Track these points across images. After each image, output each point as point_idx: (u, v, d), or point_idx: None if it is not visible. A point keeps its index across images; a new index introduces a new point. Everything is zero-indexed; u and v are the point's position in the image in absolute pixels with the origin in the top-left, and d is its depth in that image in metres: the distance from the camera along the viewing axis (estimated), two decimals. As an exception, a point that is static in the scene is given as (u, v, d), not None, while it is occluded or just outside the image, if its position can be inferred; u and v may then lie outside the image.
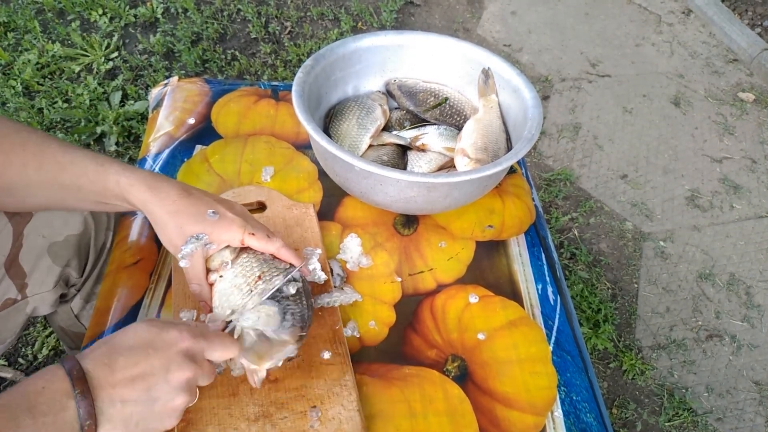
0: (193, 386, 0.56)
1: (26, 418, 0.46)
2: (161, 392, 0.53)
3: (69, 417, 0.48)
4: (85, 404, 0.49)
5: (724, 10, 2.86)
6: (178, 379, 0.54)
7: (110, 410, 0.50)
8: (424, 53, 0.99)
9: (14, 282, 0.77)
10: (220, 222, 0.68)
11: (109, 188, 0.67)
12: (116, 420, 0.51)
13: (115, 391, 0.51)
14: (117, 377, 0.51)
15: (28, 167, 0.66)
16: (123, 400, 0.51)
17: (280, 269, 0.68)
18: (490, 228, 0.91)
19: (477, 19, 2.76)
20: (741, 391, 1.61)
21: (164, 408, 0.53)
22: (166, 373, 0.53)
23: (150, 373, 0.53)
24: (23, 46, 2.26)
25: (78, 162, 0.67)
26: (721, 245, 1.96)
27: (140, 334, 0.55)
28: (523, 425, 0.70)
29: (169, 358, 0.54)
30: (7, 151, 0.65)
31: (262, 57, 2.35)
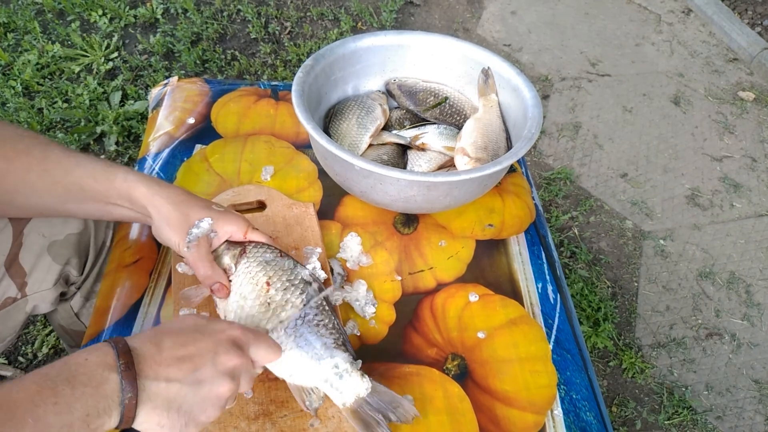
0: (238, 377, 0.54)
1: (65, 387, 0.45)
2: (207, 375, 0.51)
3: (110, 389, 0.46)
4: (129, 376, 0.47)
5: (724, 10, 2.86)
6: (225, 364, 0.52)
7: (154, 387, 0.49)
8: (424, 53, 0.99)
9: (14, 281, 0.77)
10: (225, 213, 0.70)
11: (116, 186, 0.68)
12: (159, 399, 0.49)
13: (160, 369, 0.49)
14: (164, 355, 0.50)
15: (32, 173, 0.66)
16: (168, 379, 0.49)
17: (285, 270, 0.68)
18: (490, 227, 0.91)
19: (477, 18, 2.76)
20: (741, 389, 1.61)
21: (209, 393, 0.52)
22: (214, 356, 0.52)
23: (197, 354, 0.51)
24: (23, 47, 2.26)
25: (84, 164, 0.68)
26: (721, 244, 1.96)
27: (188, 322, 0.55)
28: (523, 424, 0.70)
29: (217, 342, 0.53)
30: (10, 158, 0.66)
31: (261, 57, 2.35)
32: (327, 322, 0.64)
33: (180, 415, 0.50)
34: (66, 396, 0.44)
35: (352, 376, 0.62)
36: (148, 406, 0.48)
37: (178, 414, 0.50)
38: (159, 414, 0.49)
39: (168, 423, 0.50)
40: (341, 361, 0.62)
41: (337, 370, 0.62)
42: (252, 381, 0.58)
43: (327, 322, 0.64)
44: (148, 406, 0.48)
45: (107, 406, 0.46)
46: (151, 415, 0.49)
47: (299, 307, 0.65)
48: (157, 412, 0.49)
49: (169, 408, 0.49)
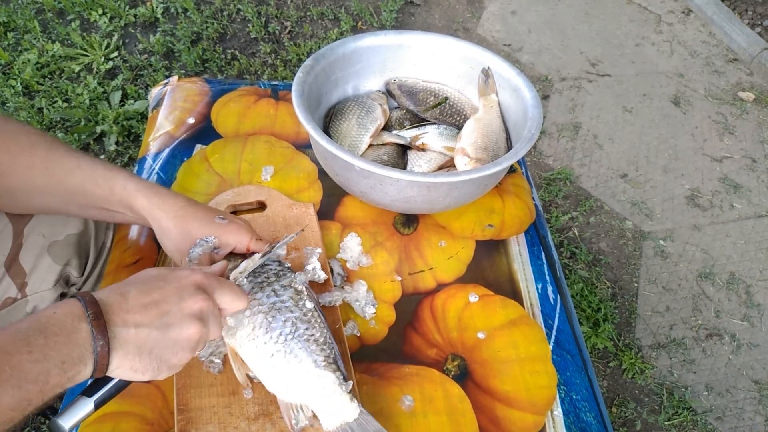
0: (206, 320, 0.55)
1: (38, 337, 0.46)
2: (174, 318, 0.53)
3: (81, 338, 0.48)
4: (98, 325, 0.48)
5: (724, 10, 2.86)
6: (191, 307, 0.54)
7: (124, 334, 0.50)
8: (424, 53, 0.99)
9: (14, 281, 0.77)
10: (229, 226, 0.69)
11: (116, 192, 0.67)
12: (130, 345, 0.50)
13: (128, 316, 0.51)
14: (130, 303, 0.51)
15: (35, 171, 0.66)
16: (137, 325, 0.51)
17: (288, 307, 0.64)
18: (490, 227, 0.91)
19: (477, 18, 2.76)
20: (740, 390, 1.61)
21: (178, 336, 0.53)
22: (180, 300, 0.53)
23: (162, 299, 0.53)
24: (23, 46, 2.26)
25: (86, 167, 0.67)
26: (721, 244, 1.96)
27: (151, 272, 0.56)
28: (523, 424, 0.70)
29: (181, 287, 0.54)
30: (14, 153, 0.65)
31: (262, 57, 2.35)
32: (318, 337, 0.62)
33: (152, 358, 0.51)
34: (40, 345, 0.45)
35: (341, 399, 0.60)
36: (120, 353, 0.50)
37: (149, 357, 0.51)
38: (131, 359, 0.50)
39: (140, 366, 0.51)
40: (330, 382, 0.60)
41: (325, 391, 0.60)
42: (220, 328, 0.58)
43: (318, 337, 0.62)
44: (120, 353, 0.50)
45: (81, 354, 0.47)
46: (124, 361, 0.50)
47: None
48: (129, 358, 0.50)
49: (140, 352, 0.51)
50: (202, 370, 0.67)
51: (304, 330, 0.62)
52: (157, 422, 0.66)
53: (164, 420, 0.66)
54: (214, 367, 0.67)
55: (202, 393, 0.65)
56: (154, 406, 0.67)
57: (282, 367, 0.60)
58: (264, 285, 0.64)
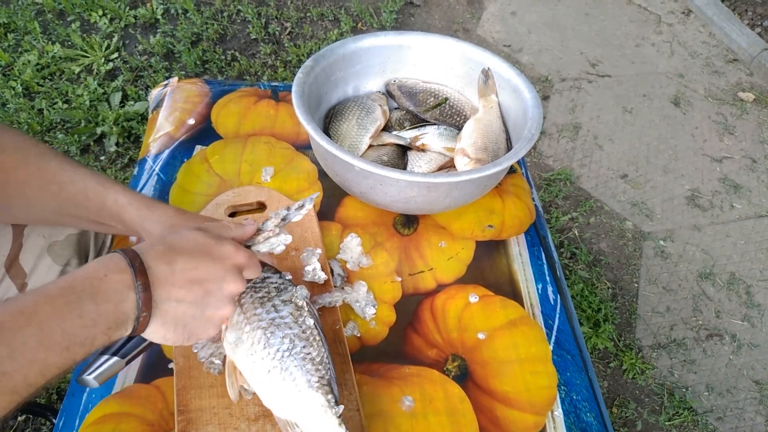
0: (237, 300, 0.60)
1: (90, 303, 0.48)
2: (214, 299, 0.55)
3: (128, 307, 0.50)
4: (146, 298, 0.51)
5: (724, 10, 2.86)
6: (230, 291, 0.57)
7: (165, 306, 0.53)
8: (424, 54, 0.99)
9: (14, 282, 0.77)
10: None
11: (107, 206, 0.68)
12: (168, 316, 0.53)
13: (173, 290, 0.53)
14: (177, 277, 0.53)
15: (28, 186, 0.66)
16: (179, 300, 0.53)
17: (287, 323, 0.64)
18: (490, 228, 0.91)
19: (477, 19, 2.76)
20: (741, 390, 1.61)
21: (213, 315, 0.56)
22: (222, 282, 0.56)
23: (207, 279, 0.55)
24: (23, 47, 2.26)
25: (78, 181, 0.68)
26: (722, 245, 1.96)
27: (198, 240, 0.57)
28: (523, 425, 0.70)
29: (225, 269, 0.56)
30: (7, 168, 0.66)
31: (262, 58, 2.35)
32: (315, 356, 0.62)
33: (185, 330, 0.55)
34: (90, 312, 0.48)
35: (330, 422, 0.59)
36: (158, 322, 0.53)
37: (183, 330, 0.55)
38: (166, 329, 0.54)
39: (172, 337, 0.54)
40: (320, 404, 0.59)
41: (315, 413, 0.59)
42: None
43: (315, 356, 0.62)
44: (158, 322, 0.53)
45: (125, 320, 0.50)
46: (159, 329, 0.53)
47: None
48: (164, 327, 0.53)
49: (176, 325, 0.54)
50: (203, 371, 0.67)
51: (301, 348, 0.62)
52: (157, 423, 0.66)
53: (164, 421, 0.66)
54: (214, 368, 0.67)
55: (203, 394, 0.65)
56: (154, 407, 0.67)
57: (277, 383, 0.60)
58: (264, 300, 0.64)
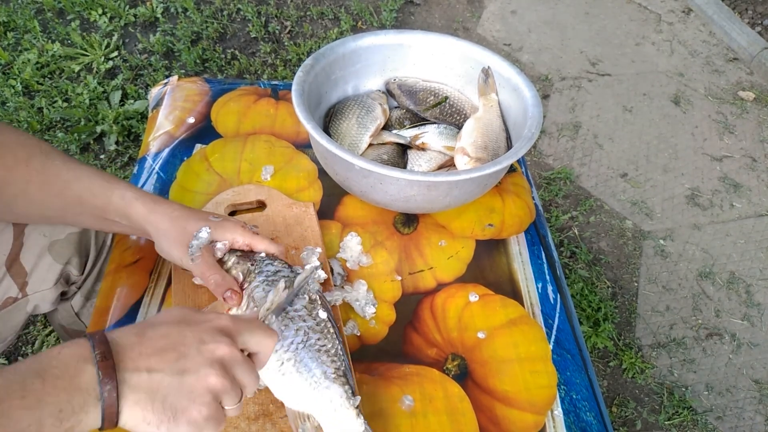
0: (229, 370, 0.50)
1: (35, 380, 0.42)
2: (192, 363, 0.47)
3: (85, 382, 0.44)
4: (106, 367, 0.44)
5: (724, 9, 2.86)
6: (213, 353, 0.49)
7: (135, 379, 0.45)
8: (424, 52, 0.99)
9: (15, 281, 0.77)
10: (223, 223, 0.70)
11: (113, 202, 0.68)
12: (141, 391, 0.46)
13: (141, 360, 0.46)
14: (145, 345, 0.47)
15: (32, 184, 0.66)
16: (150, 369, 0.46)
17: (301, 316, 0.64)
18: (490, 227, 0.91)
19: (477, 18, 2.76)
20: (741, 389, 1.61)
21: (196, 384, 0.47)
22: (199, 344, 0.48)
23: (181, 343, 0.48)
24: (23, 46, 2.26)
25: (83, 178, 0.67)
26: (721, 244, 1.96)
27: (174, 313, 0.52)
28: (523, 424, 0.70)
29: (203, 330, 0.49)
30: (10, 167, 0.65)
31: (261, 56, 2.35)
32: (329, 348, 0.62)
33: (165, 407, 0.46)
34: (35, 390, 0.42)
35: (348, 414, 0.59)
36: (131, 400, 0.45)
37: (163, 406, 0.46)
38: (143, 408, 0.46)
39: (154, 418, 0.46)
40: (337, 396, 0.59)
41: (332, 404, 0.59)
42: (254, 378, 0.52)
43: (329, 348, 0.62)
44: (131, 400, 0.45)
45: (83, 402, 0.43)
46: (135, 410, 0.46)
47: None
48: (140, 406, 0.46)
49: (153, 400, 0.46)
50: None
51: (315, 340, 0.61)
52: (157, 422, 0.66)
53: (164, 420, 0.66)
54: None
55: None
56: (154, 406, 0.67)
57: (291, 376, 0.59)
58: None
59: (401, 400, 0.70)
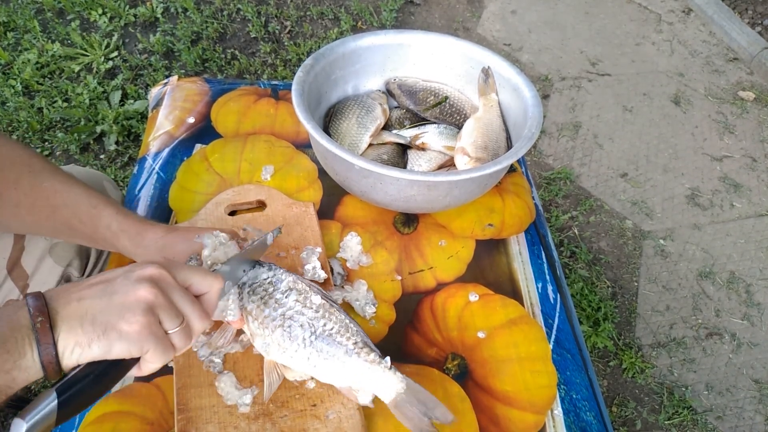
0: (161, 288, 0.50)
1: None
2: (120, 284, 0.49)
3: (20, 318, 0.46)
4: (35, 302, 0.46)
5: (725, 9, 2.86)
6: (140, 274, 0.50)
7: (66, 310, 0.47)
8: (424, 52, 0.99)
9: (16, 284, 0.77)
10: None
11: (100, 232, 0.68)
12: (72, 317, 0.47)
13: (72, 293, 0.48)
14: (76, 286, 0.49)
15: (21, 207, 0.66)
16: (79, 299, 0.48)
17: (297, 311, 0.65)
18: (490, 226, 0.91)
19: (477, 18, 2.76)
20: (741, 389, 1.61)
21: (125, 299, 0.48)
22: (129, 272, 0.50)
23: (111, 277, 0.50)
24: (23, 46, 2.26)
25: (71, 204, 0.67)
26: (722, 243, 1.96)
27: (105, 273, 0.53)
28: (523, 424, 0.70)
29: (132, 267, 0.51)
30: (0, 190, 0.65)
31: (261, 56, 2.35)
32: (338, 328, 0.64)
33: (95, 326, 0.47)
34: None
35: (385, 375, 0.62)
36: (64, 329, 0.46)
37: (92, 326, 0.47)
38: (74, 332, 0.47)
39: (84, 338, 0.47)
40: (367, 365, 0.62)
41: (369, 372, 0.62)
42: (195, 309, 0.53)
43: (338, 328, 0.64)
44: (64, 329, 0.46)
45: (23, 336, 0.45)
46: (68, 338, 0.46)
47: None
48: (72, 332, 0.47)
49: (82, 322, 0.47)
50: (202, 370, 0.67)
51: (322, 327, 0.64)
52: (157, 422, 0.66)
53: (164, 420, 0.66)
54: (214, 367, 0.67)
55: (202, 393, 0.65)
56: (154, 406, 0.67)
57: (322, 364, 0.63)
58: (266, 298, 0.65)
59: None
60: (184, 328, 0.52)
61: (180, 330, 0.51)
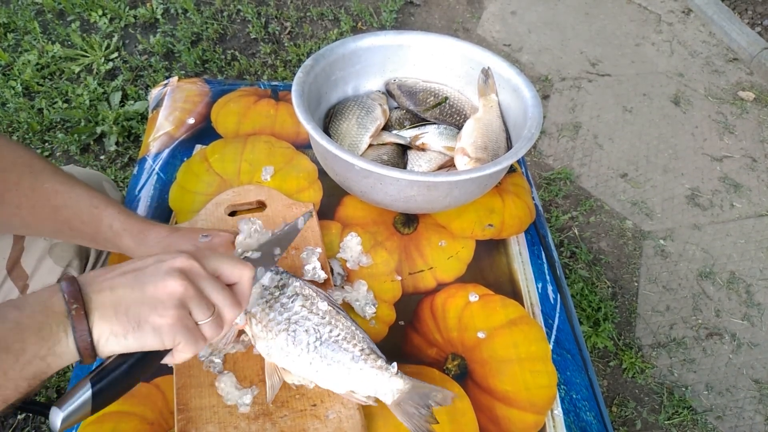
0: (193, 282, 0.51)
1: (12, 310, 0.45)
2: (151, 275, 0.50)
3: (56, 304, 0.46)
4: (71, 291, 0.47)
5: (724, 9, 2.86)
6: (171, 264, 0.50)
7: (100, 298, 0.48)
8: (423, 53, 0.99)
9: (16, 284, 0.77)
10: (213, 241, 0.71)
11: (102, 232, 0.68)
12: (106, 307, 0.48)
13: (104, 282, 0.49)
14: (108, 273, 0.50)
15: (23, 209, 0.66)
16: (112, 287, 0.49)
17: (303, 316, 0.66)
18: (490, 227, 0.91)
19: (477, 18, 2.76)
20: (741, 389, 1.61)
21: (156, 291, 0.49)
22: (158, 261, 0.51)
23: (142, 265, 0.51)
24: (23, 47, 2.26)
25: (72, 205, 0.67)
26: (722, 244, 1.96)
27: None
28: (523, 424, 0.70)
29: (164, 254, 0.52)
30: (1, 192, 0.65)
31: (261, 57, 2.35)
32: (345, 335, 0.64)
33: (129, 317, 0.48)
34: (13, 315, 0.45)
35: (391, 381, 0.63)
36: (97, 316, 0.47)
37: (127, 317, 0.48)
38: (109, 321, 0.47)
39: (120, 329, 0.48)
40: (374, 373, 0.63)
41: (376, 378, 0.63)
42: (227, 297, 0.53)
43: (345, 335, 0.64)
44: (97, 316, 0.47)
45: (59, 322, 0.46)
46: (102, 326, 0.47)
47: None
48: (106, 320, 0.47)
49: (117, 312, 0.48)
50: (203, 370, 0.67)
51: (328, 333, 0.64)
52: (157, 422, 0.66)
53: (164, 420, 0.66)
54: (214, 367, 0.67)
55: (203, 393, 0.65)
56: (154, 406, 0.67)
57: (324, 370, 0.63)
58: (272, 302, 0.65)
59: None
60: (215, 318, 0.52)
61: (211, 321, 0.52)
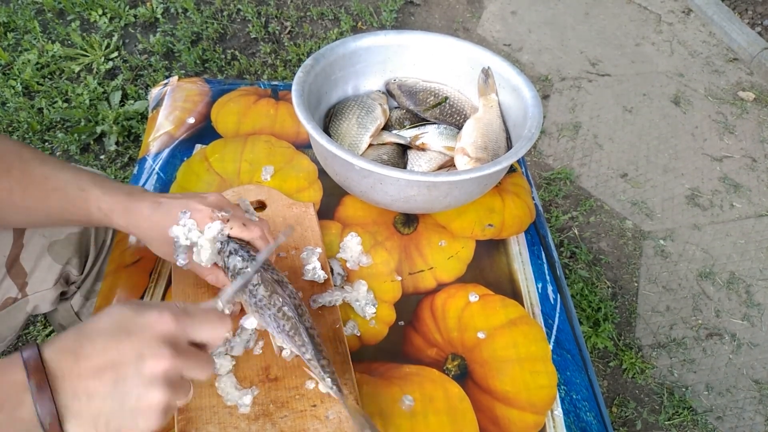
0: (175, 380, 0.48)
1: None
2: (132, 385, 0.45)
3: (26, 413, 0.42)
4: (42, 398, 0.43)
5: (724, 9, 2.86)
6: (153, 370, 0.46)
7: (76, 405, 0.44)
8: (424, 53, 0.99)
9: (15, 281, 0.77)
10: (193, 216, 0.67)
11: (92, 213, 0.67)
12: (83, 417, 0.44)
13: (79, 384, 0.44)
14: (82, 366, 0.45)
15: (14, 194, 0.66)
16: (88, 394, 0.44)
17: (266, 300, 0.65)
18: (490, 227, 0.91)
19: (477, 18, 2.76)
20: (741, 389, 1.61)
21: (137, 405, 0.45)
22: (139, 361, 0.45)
23: (120, 361, 0.45)
24: (23, 46, 2.26)
25: (61, 188, 0.67)
26: (722, 244, 1.96)
27: (114, 317, 0.48)
28: (523, 424, 0.70)
29: (143, 343, 0.46)
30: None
31: (261, 57, 2.35)
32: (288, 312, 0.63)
33: (109, 429, 0.45)
34: None
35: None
36: (74, 423, 0.44)
37: (107, 429, 0.45)
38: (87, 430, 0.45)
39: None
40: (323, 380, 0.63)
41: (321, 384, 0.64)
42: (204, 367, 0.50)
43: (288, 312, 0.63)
44: (74, 423, 0.44)
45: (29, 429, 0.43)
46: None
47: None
48: (84, 429, 0.45)
49: (95, 424, 0.45)
50: (203, 370, 0.67)
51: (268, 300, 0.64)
52: (157, 422, 0.66)
53: (164, 420, 0.66)
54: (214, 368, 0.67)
55: (203, 393, 0.65)
56: (154, 406, 0.67)
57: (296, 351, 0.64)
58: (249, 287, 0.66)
59: (401, 401, 0.70)
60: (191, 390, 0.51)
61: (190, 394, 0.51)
